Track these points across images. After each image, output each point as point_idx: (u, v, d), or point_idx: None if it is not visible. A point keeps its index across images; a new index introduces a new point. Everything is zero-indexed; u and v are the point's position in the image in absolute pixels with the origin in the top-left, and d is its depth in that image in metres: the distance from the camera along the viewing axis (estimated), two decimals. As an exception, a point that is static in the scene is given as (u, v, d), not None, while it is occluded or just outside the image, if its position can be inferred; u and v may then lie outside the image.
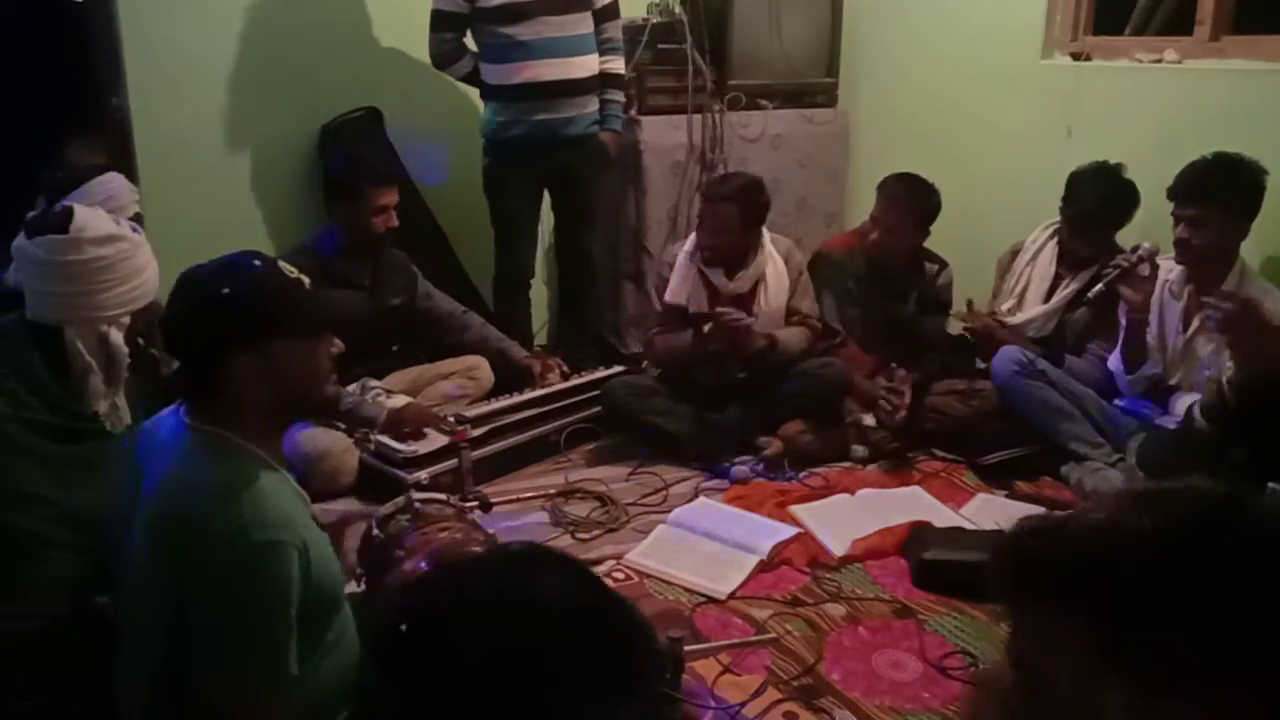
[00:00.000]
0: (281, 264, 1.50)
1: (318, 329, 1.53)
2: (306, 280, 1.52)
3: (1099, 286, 2.93)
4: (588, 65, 3.43)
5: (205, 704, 1.36)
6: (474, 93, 3.63)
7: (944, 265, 3.43)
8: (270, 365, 1.44)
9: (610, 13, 3.51)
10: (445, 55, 3.43)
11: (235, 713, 1.37)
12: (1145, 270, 2.88)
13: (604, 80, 3.51)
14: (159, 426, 1.53)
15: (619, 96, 3.56)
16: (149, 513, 1.42)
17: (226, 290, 1.42)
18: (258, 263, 1.48)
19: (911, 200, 3.29)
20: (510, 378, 3.38)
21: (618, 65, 3.55)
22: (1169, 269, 2.90)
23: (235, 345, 1.41)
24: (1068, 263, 3.22)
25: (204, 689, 1.36)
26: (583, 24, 3.41)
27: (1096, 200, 3.07)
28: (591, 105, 3.49)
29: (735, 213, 3.14)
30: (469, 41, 3.44)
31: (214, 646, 1.35)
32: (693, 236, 3.30)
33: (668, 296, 3.26)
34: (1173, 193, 2.80)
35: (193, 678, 1.36)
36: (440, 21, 3.37)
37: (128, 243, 1.80)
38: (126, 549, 1.45)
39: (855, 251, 3.43)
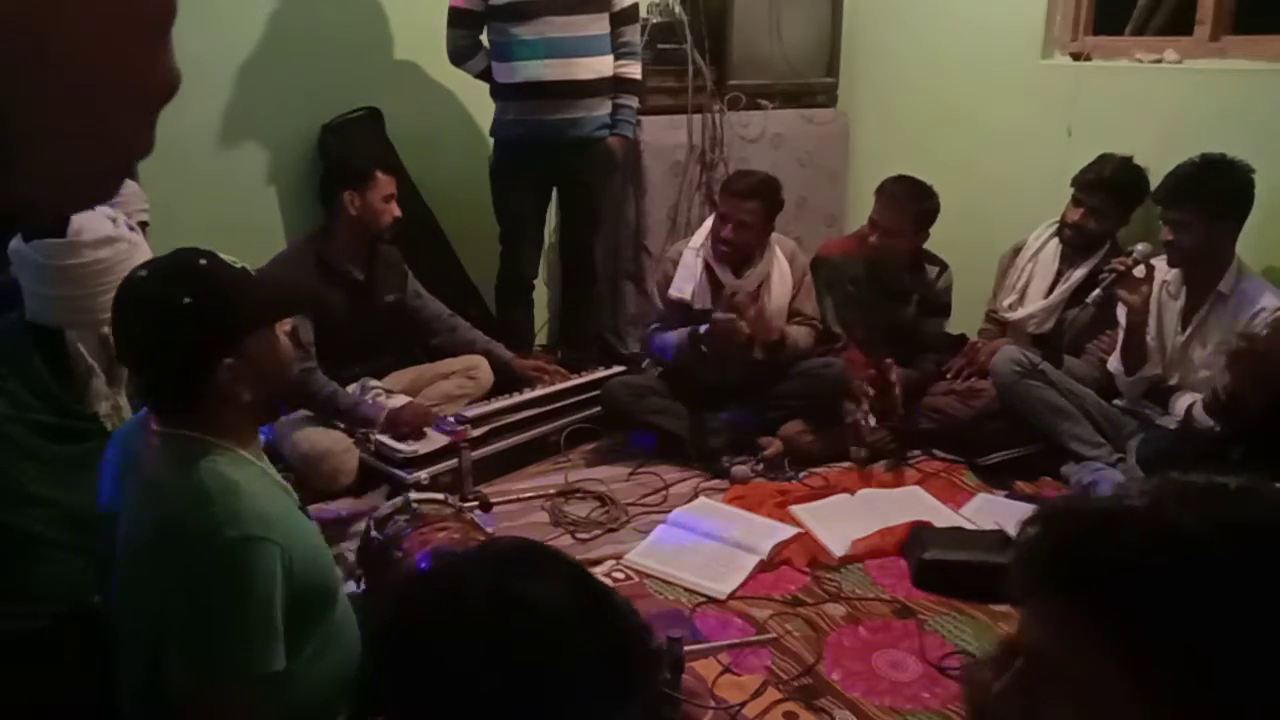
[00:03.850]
0: (222, 256, 1.45)
1: (275, 315, 1.50)
2: (250, 267, 1.48)
3: (1097, 291, 2.93)
4: (595, 67, 3.40)
5: (187, 703, 1.35)
6: (475, 93, 3.63)
7: (944, 267, 3.43)
8: (246, 363, 1.41)
9: (628, 16, 3.47)
10: (460, 52, 3.43)
11: (216, 712, 1.36)
12: (1141, 272, 2.88)
13: (618, 84, 3.48)
14: (129, 432, 1.51)
15: (632, 102, 3.53)
16: (129, 520, 1.41)
17: (189, 299, 1.36)
18: (203, 261, 1.41)
19: (910, 202, 3.28)
20: (510, 378, 3.38)
21: (633, 70, 3.51)
22: (1166, 270, 2.91)
23: (212, 353, 1.38)
24: (1070, 257, 3.24)
25: (185, 688, 1.35)
26: (593, 25, 3.38)
27: (1118, 166, 3.12)
28: (601, 108, 3.46)
29: (758, 209, 3.15)
30: (485, 39, 3.44)
31: (194, 646, 1.34)
32: (699, 233, 3.30)
33: (671, 292, 3.26)
34: (1157, 196, 2.82)
35: (175, 677, 1.36)
36: (456, 19, 3.37)
37: (125, 244, 1.80)
38: (115, 554, 1.45)
39: (855, 254, 3.42)
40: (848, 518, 2.83)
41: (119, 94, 0.39)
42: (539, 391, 3.30)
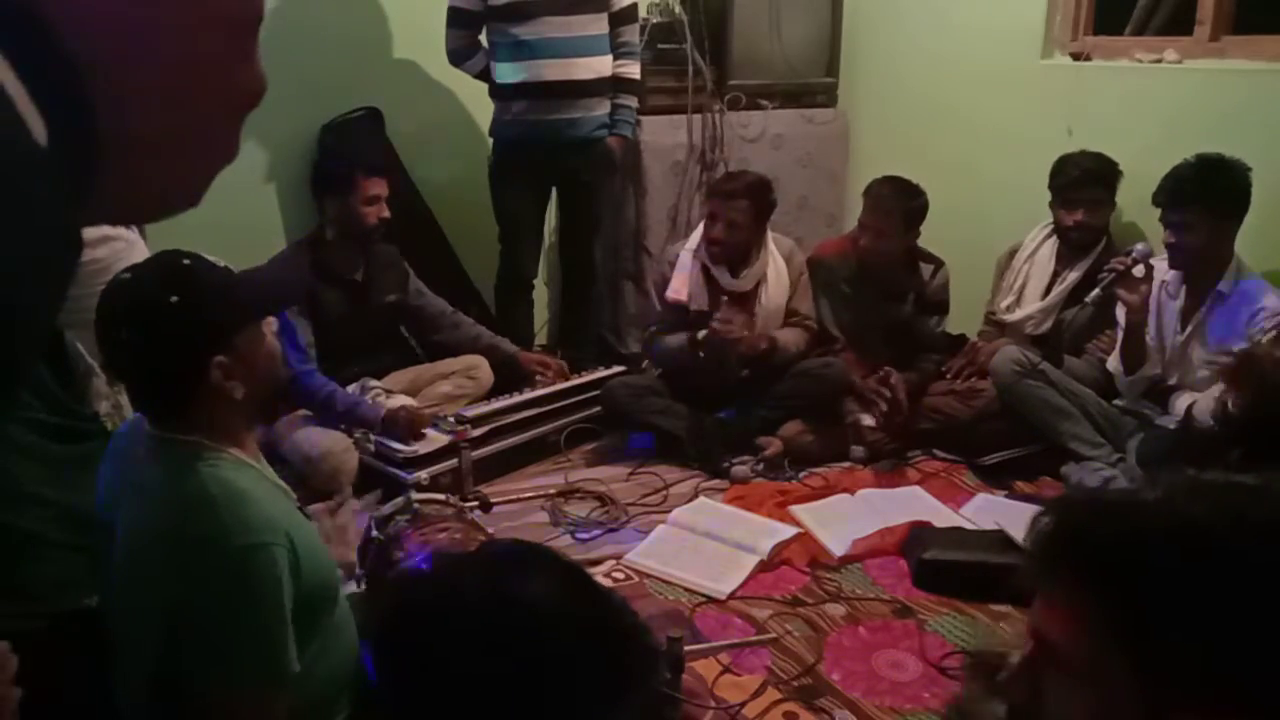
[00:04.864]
0: (205, 256, 1.44)
1: (262, 310, 1.50)
2: (234, 268, 1.47)
3: (1096, 291, 2.93)
4: (594, 67, 3.40)
5: (203, 707, 1.36)
6: (475, 93, 3.63)
7: (940, 265, 3.42)
8: (237, 360, 1.40)
9: (627, 16, 3.48)
10: (459, 52, 3.43)
11: (233, 715, 1.36)
12: (1140, 271, 2.88)
13: (617, 84, 3.48)
14: (127, 435, 1.50)
15: (631, 102, 3.53)
16: (128, 524, 1.41)
17: (176, 298, 1.35)
18: (187, 261, 1.40)
19: (897, 202, 3.27)
20: (510, 378, 3.38)
21: (632, 70, 3.51)
22: (1165, 270, 2.91)
23: (203, 351, 1.37)
24: (1066, 258, 3.24)
25: (201, 693, 1.35)
26: (592, 25, 3.38)
27: (1091, 159, 3.16)
28: (600, 108, 3.46)
29: (747, 209, 3.15)
30: (484, 39, 3.44)
31: (208, 653, 1.34)
32: (696, 234, 3.30)
33: (669, 294, 3.27)
34: (1156, 199, 2.82)
35: (189, 682, 1.36)
36: (455, 19, 3.38)
37: (122, 242, 1.80)
38: (110, 559, 1.45)
39: (848, 256, 3.42)
40: (848, 518, 2.83)
41: (209, 98, 0.38)
42: (539, 391, 3.30)
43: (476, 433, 3.04)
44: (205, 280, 1.40)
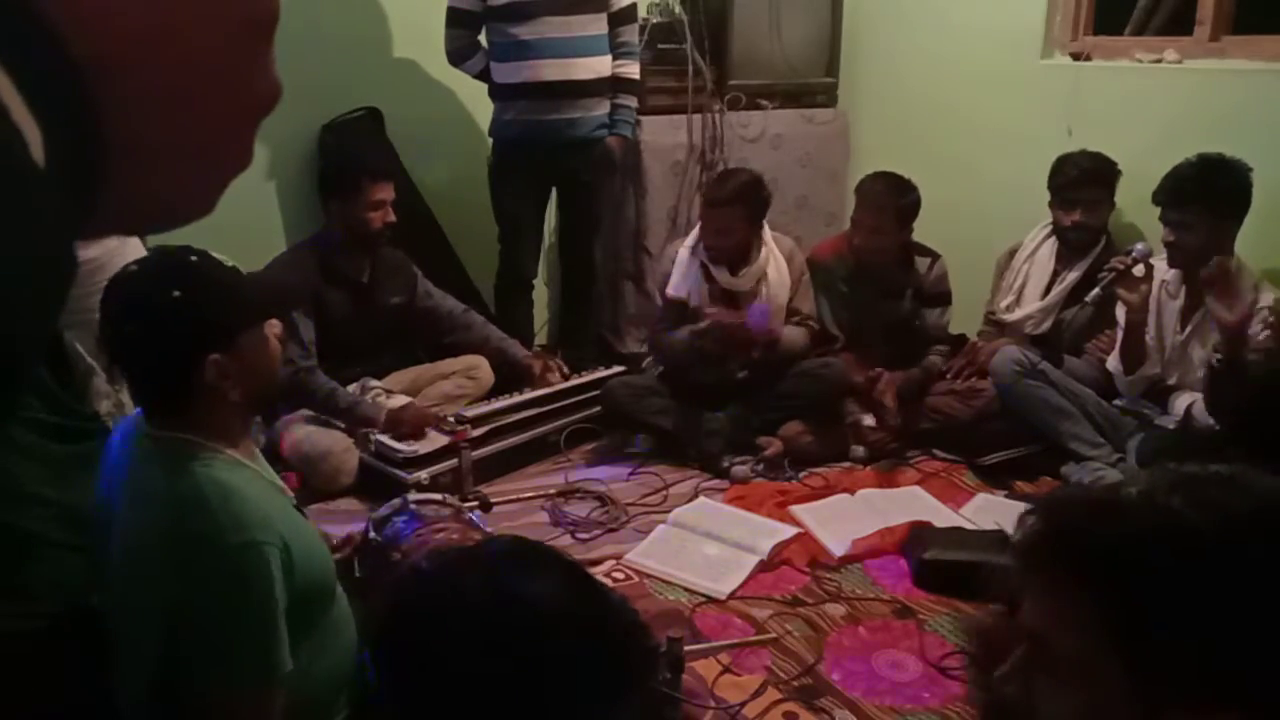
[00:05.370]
0: (213, 254, 1.44)
1: (264, 313, 1.50)
2: (240, 267, 1.48)
3: (1096, 290, 2.93)
4: (593, 67, 3.40)
5: (202, 707, 1.36)
6: (475, 93, 3.63)
7: (936, 257, 3.40)
8: (234, 360, 1.40)
9: (626, 16, 3.48)
10: (458, 52, 3.43)
11: (231, 713, 1.36)
12: (1140, 271, 2.88)
13: (616, 84, 3.48)
14: (124, 433, 1.51)
15: (630, 101, 3.53)
16: (125, 523, 1.41)
17: (178, 293, 1.35)
18: (194, 258, 1.40)
19: (889, 198, 3.26)
20: (510, 378, 3.38)
21: (631, 69, 3.51)
22: (1165, 270, 2.91)
23: (204, 348, 1.37)
24: (1066, 258, 3.25)
25: (200, 693, 1.36)
26: (591, 25, 3.38)
27: (1090, 159, 3.16)
28: (599, 108, 3.46)
29: (739, 213, 3.15)
30: (484, 39, 3.44)
31: (207, 652, 1.34)
32: (695, 232, 3.30)
33: (669, 291, 3.26)
34: (1156, 198, 2.82)
35: (188, 682, 1.36)
36: (454, 19, 3.38)
37: (116, 240, 1.80)
38: (108, 558, 1.45)
39: (844, 255, 3.42)
40: (848, 518, 2.83)
41: (221, 103, 0.37)
42: (539, 391, 3.29)
43: (476, 433, 3.04)
44: (210, 278, 1.40)
